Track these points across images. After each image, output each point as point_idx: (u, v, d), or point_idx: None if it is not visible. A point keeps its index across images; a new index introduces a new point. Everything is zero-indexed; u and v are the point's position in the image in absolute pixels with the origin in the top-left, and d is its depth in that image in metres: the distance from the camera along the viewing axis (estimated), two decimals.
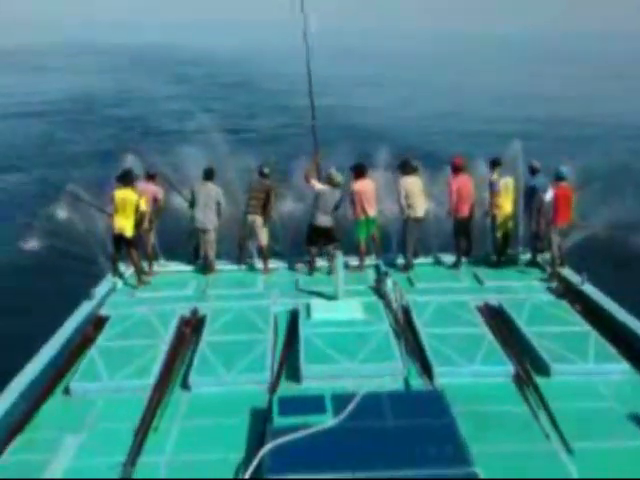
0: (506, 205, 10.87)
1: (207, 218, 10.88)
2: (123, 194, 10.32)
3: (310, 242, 10.97)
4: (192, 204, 11.05)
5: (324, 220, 10.74)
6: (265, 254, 11.26)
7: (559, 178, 10.40)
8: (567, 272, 10.52)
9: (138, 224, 10.52)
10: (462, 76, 55.92)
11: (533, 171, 10.94)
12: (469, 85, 51.01)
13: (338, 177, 10.79)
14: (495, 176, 10.94)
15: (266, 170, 11.21)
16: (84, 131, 34.55)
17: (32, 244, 16.54)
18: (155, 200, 11.14)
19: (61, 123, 37.42)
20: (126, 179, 10.45)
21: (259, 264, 11.37)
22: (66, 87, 51.55)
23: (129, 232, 10.37)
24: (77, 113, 41.03)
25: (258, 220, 11.08)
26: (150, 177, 11.36)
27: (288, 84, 48.23)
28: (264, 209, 11.08)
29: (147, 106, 44.02)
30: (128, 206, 10.27)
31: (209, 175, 11.06)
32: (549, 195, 10.30)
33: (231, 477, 5.69)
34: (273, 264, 11.42)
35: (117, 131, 34.98)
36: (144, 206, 10.52)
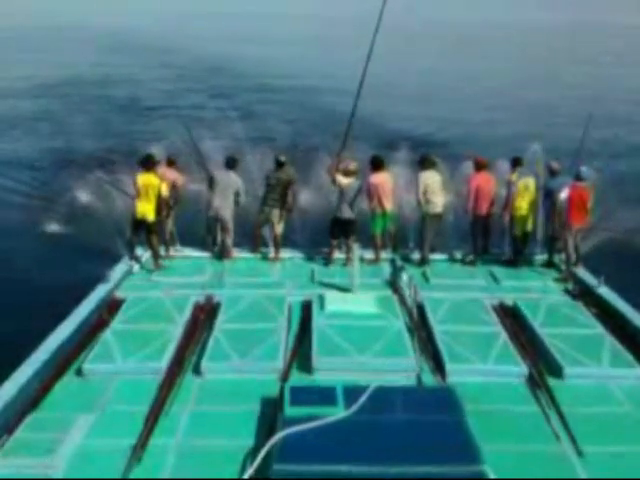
0: (524, 205, 10.78)
1: (223, 206, 10.87)
2: (146, 179, 10.39)
3: (333, 234, 10.96)
4: (211, 188, 11.05)
5: (347, 212, 10.72)
6: (277, 243, 11.25)
7: (578, 178, 10.31)
8: (584, 274, 10.43)
9: (159, 209, 10.58)
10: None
11: (552, 172, 10.86)
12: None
13: (352, 166, 10.73)
14: (514, 176, 10.84)
15: (283, 158, 11.11)
16: (88, 110, 35.04)
17: (53, 227, 16.64)
18: (174, 186, 11.18)
19: (63, 103, 37.81)
20: (148, 164, 10.51)
21: (272, 253, 11.38)
22: (59, 69, 52.28)
23: (151, 217, 10.45)
24: (76, 93, 41.54)
25: (276, 212, 11.07)
26: (170, 163, 11.39)
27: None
28: (283, 202, 11.05)
29: (139, 86, 45.00)
30: (151, 191, 10.35)
31: (231, 164, 11.05)
32: (563, 195, 10.22)
33: (240, 464, 5.72)
34: (289, 254, 11.42)
35: (121, 112, 35.61)
36: (166, 191, 10.57)
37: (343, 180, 10.65)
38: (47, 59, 60.37)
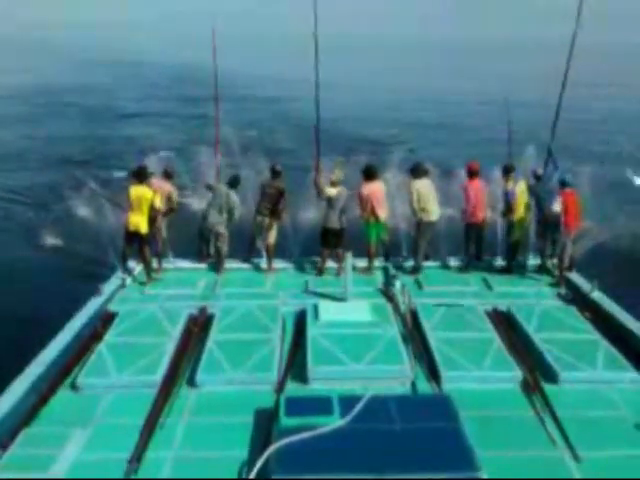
0: (521, 209, 10.81)
1: (219, 222, 10.88)
2: (138, 191, 10.36)
3: (324, 244, 10.98)
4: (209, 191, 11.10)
5: (335, 222, 10.75)
6: (270, 253, 11.26)
7: (564, 185, 10.33)
8: (577, 279, 10.47)
9: (152, 221, 10.56)
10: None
11: (537, 178, 10.94)
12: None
13: (335, 176, 10.76)
14: (510, 184, 10.87)
15: (278, 168, 11.17)
16: (70, 121, 34.99)
17: (46, 241, 16.59)
18: (169, 199, 11.16)
19: (42, 115, 37.67)
20: (141, 175, 10.48)
21: (265, 263, 11.38)
22: (28, 81, 52.31)
23: (144, 229, 10.40)
24: (52, 104, 41.40)
25: (267, 221, 11.09)
26: (167, 175, 11.38)
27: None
28: (276, 210, 11.08)
29: (112, 95, 45.17)
30: (143, 203, 10.31)
31: (233, 183, 11.05)
32: (557, 207, 10.23)
33: (236, 476, 5.70)
34: (282, 264, 11.43)
35: (97, 120, 35.73)
36: (159, 203, 10.56)
37: (332, 190, 10.68)
38: (16, 71, 60.24)
